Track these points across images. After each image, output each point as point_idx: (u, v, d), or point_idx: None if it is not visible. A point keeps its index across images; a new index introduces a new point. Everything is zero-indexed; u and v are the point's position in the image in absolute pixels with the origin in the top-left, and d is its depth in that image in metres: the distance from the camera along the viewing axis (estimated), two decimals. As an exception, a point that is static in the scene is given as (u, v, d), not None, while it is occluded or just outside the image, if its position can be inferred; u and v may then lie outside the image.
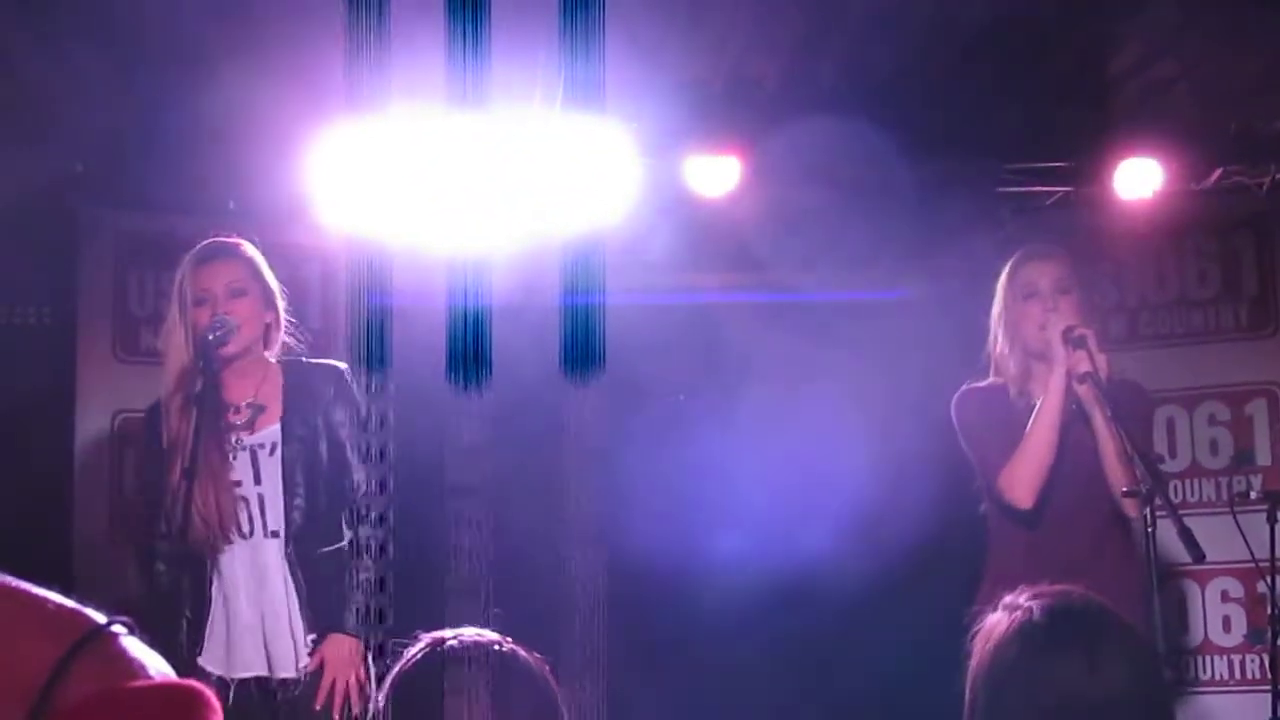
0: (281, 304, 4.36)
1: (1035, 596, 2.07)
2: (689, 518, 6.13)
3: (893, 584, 5.91)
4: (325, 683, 4.08)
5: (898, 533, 5.76)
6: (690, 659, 6.32)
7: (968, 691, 2.08)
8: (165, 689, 1.08)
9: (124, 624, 1.12)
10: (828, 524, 5.92)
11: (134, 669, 1.09)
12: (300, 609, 4.12)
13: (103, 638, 1.09)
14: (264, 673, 4.09)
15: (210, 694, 1.09)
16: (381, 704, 2.18)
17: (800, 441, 6.10)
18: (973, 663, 2.09)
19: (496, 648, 2.31)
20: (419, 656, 2.29)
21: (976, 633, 2.11)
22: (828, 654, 6.18)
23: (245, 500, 4.14)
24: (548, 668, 2.30)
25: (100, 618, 1.11)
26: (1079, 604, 2.08)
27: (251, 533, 4.14)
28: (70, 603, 1.12)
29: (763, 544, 6.09)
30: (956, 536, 4.94)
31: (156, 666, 1.11)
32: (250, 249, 4.34)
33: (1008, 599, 2.11)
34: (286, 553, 4.13)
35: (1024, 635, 2.02)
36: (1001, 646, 2.03)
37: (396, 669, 2.24)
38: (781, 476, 6.07)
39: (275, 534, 4.14)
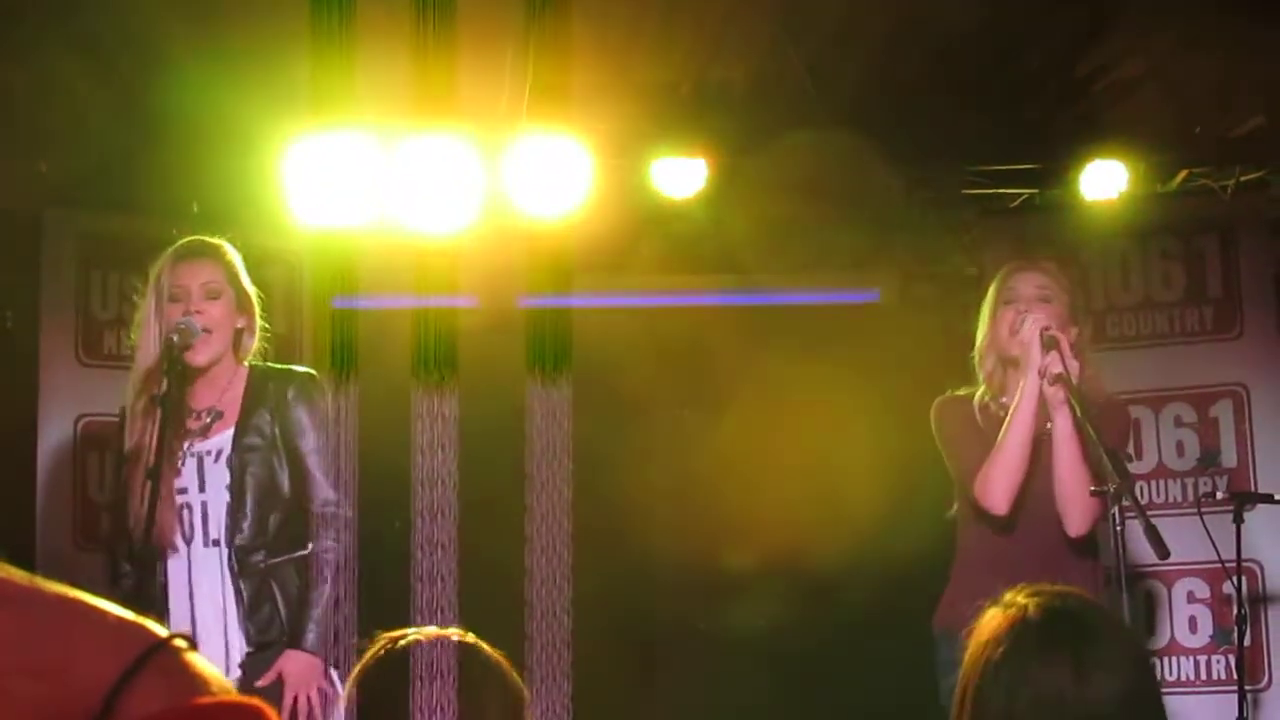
0: (256, 310, 4.27)
1: (1032, 595, 2.05)
2: (659, 523, 6.13)
3: (874, 588, 5.91)
4: (287, 700, 3.99)
5: (871, 532, 5.76)
6: (660, 667, 6.32)
7: (958, 687, 2.06)
8: (230, 707, 1.06)
9: (185, 638, 1.10)
10: (804, 527, 5.92)
11: (197, 685, 1.07)
12: (240, 621, 4.03)
13: (164, 652, 1.07)
14: None
15: (274, 713, 1.08)
16: (343, 707, 2.17)
17: (772, 444, 6.10)
18: (965, 657, 2.07)
19: (456, 639, 2.29)
20: (380, 655, 2.27)
21: (971, 629, 2.09)
22: (822, 663, 6.18)
23: (189, 508, 4.05)
24: (506, 661, 2.29)
25: (162, 631, 1.09)
26: (1076, 605, 2.05)
27: (191, 540, 4.04)
28: (130, 615, 1.10)
29: (742, 550, 6.09)
30: (931, 539, 4.93)
31: (219, 683, 1.09)
32: (231, 252, 4.24)
33: (1006, 596, 2.08)
34: (230, 563, 4.03)
35: (1017, 633, 1.99)
36: (993, 643, 2.00)
37: (356, 670, 2.23)
38: (754, 480, 6.06)
39: (216, 543, 4.04)
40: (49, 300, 5.67)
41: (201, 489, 4.06)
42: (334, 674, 4.12)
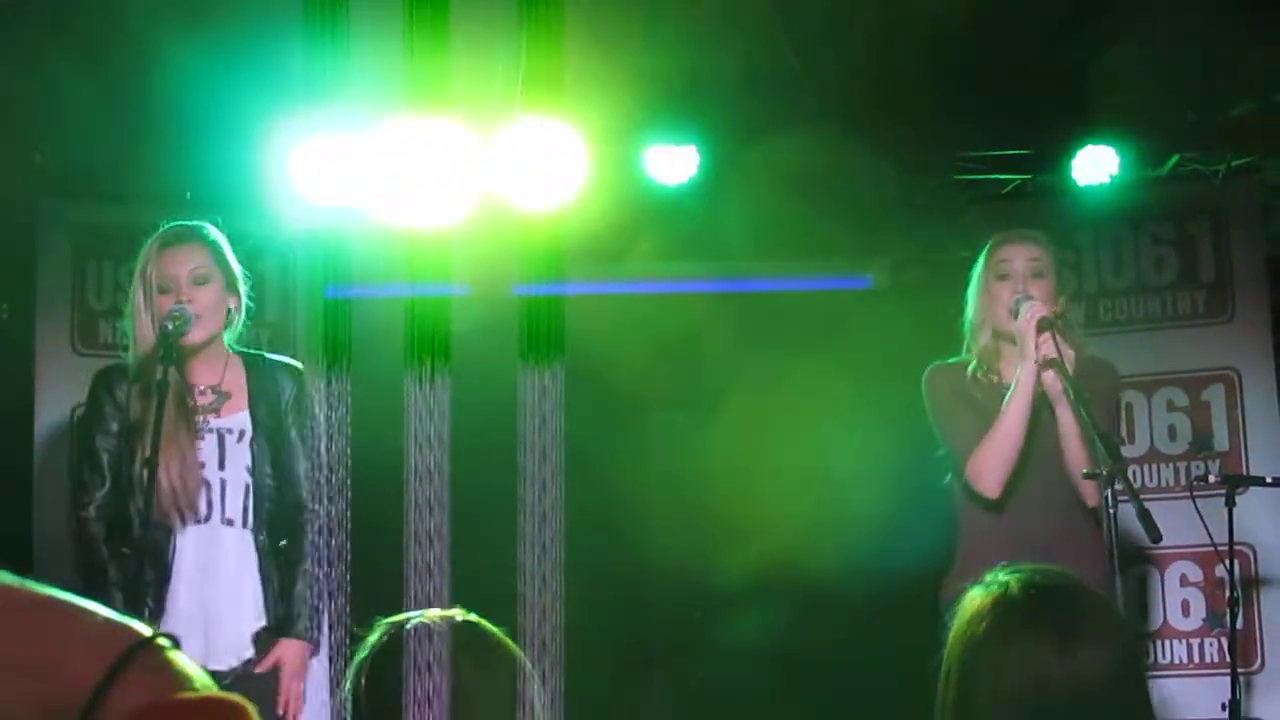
0: (243, 288, 4.29)
1: (1015, 573, 2.04)
2: (654, 513, 6.13)
3: (873, 582, 5.92)
4: (285, 687, 4.05)
5: (865, 514, 5.77)
6: (656, 657, 6.33)
7: (943, 666, 2.05)
8: (211, 703, 1.09)
9: (169, 637, 1.12)
10: (799, 519, 5.93)
11: (181, 681, 1.10)
12: (265, 602, 4.08)
13: (149, 650, 1.10)
14: (200, 660, 4.00)
15: (253, 710, 1.10)
16: (349, 691, 2.19)
17: (768, 433, 6.10)
18: (949, 635, 2.07)
19: (458, 619, 2.32)
20: (385, 641, 2.29)
21: (956, 605, 2.09)
22: (817, 658, 6.19)
23: (207, 483, 4.09)
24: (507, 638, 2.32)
25: (146, 630, 1.11)
26: (1059, 581, 2.04)
27: (208, 517, 4.08)
28: (116, 615, 1.13)
29: (738, 542, 6.09)
30: (922, 514, 4.94)
31: (202, 680, 1.11)
32: (214, 232, 4.26)
33: (987, 575, 2.08)
34: (258, 542, 4.08)
35: (1000, 611, 1.99)
36: (975, 621, 2.00)
37: (361, 656, 2.25)
38: (750, 470, 6.07)
39: (230, 522, 4.08)
40: (44, 290, 5.68)
41: (221, 466, 4.10)
42: (313, 663, 4.17)
